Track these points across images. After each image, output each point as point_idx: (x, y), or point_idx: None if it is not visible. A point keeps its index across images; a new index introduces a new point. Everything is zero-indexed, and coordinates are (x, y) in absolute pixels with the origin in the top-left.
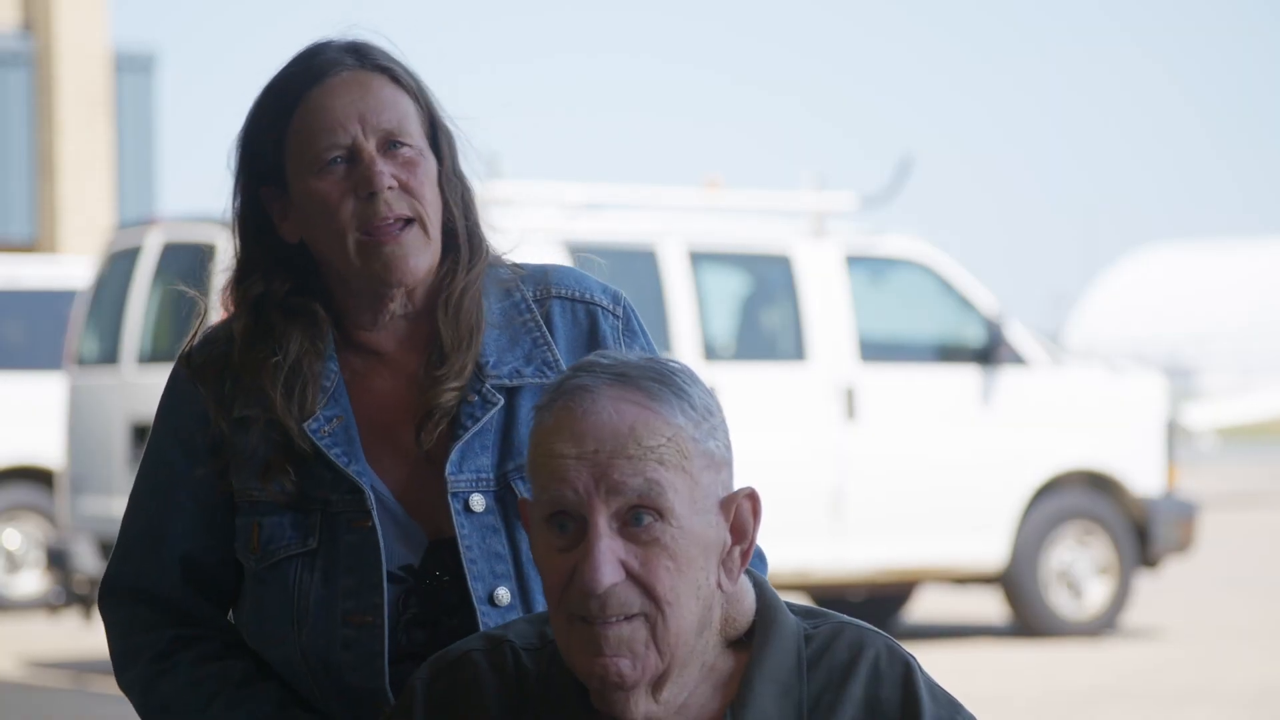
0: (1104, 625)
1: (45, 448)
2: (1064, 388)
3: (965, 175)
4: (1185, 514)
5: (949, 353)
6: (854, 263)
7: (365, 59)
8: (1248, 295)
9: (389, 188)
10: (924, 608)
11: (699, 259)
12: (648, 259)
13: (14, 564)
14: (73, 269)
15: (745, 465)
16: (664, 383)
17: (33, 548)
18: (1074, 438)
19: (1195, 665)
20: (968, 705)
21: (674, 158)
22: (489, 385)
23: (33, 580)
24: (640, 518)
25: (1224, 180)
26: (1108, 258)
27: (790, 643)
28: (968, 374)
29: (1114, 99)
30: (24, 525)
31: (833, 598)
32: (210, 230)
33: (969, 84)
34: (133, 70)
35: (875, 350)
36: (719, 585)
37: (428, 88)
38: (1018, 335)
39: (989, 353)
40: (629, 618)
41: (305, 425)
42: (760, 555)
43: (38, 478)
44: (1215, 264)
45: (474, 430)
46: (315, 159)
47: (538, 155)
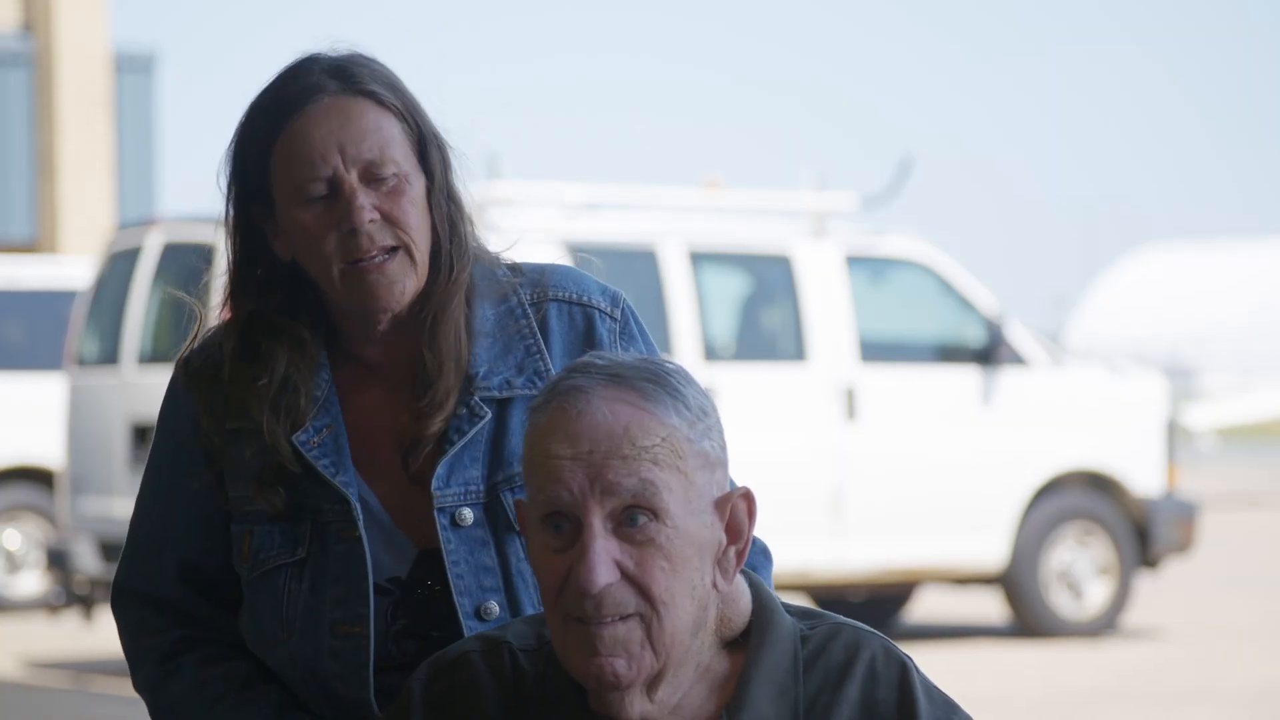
0: (1104, 625)
1: (45, 448)
2: (1064, 388)
3: (965, 175)
4: (1185, 514)
5: (949, 353)
6: (854, 263)
7: (349, 82)
8: (1248, 295)
9: (370, 221)
10: (924, 608)
11: (699, 259)
12: (648, 259)
13: (14, 564)
14: (73, 269)
15: (745, 465)
16: (658, 383)
17: (33, 548)
18: (1074, 438)
19: (1195, 665)
20: (967, 706)
21: (674, 158)
22: (477, 398)
23: (33, 580)
24: (635, 518)
25: (1224, 180)
26: (1108, 258)
27: (786, 644)
28: (968, 374)
29: (1114, 99)
30: (24, 525)
31: (833, 598)
32: (210, 230)
33: (969, 84)
34: (133, 70)
35: (875, 350)
36: (714, 585)
37: (417, 103)
38: (1018, 335)
39: (989, 353)
40: (624, 618)
41: (295, 437)
42: (765, 551)
43: (38, 478)
44: (1215, 264)
45: (459, 445)
46: (297, 190)
47: (538, 155)
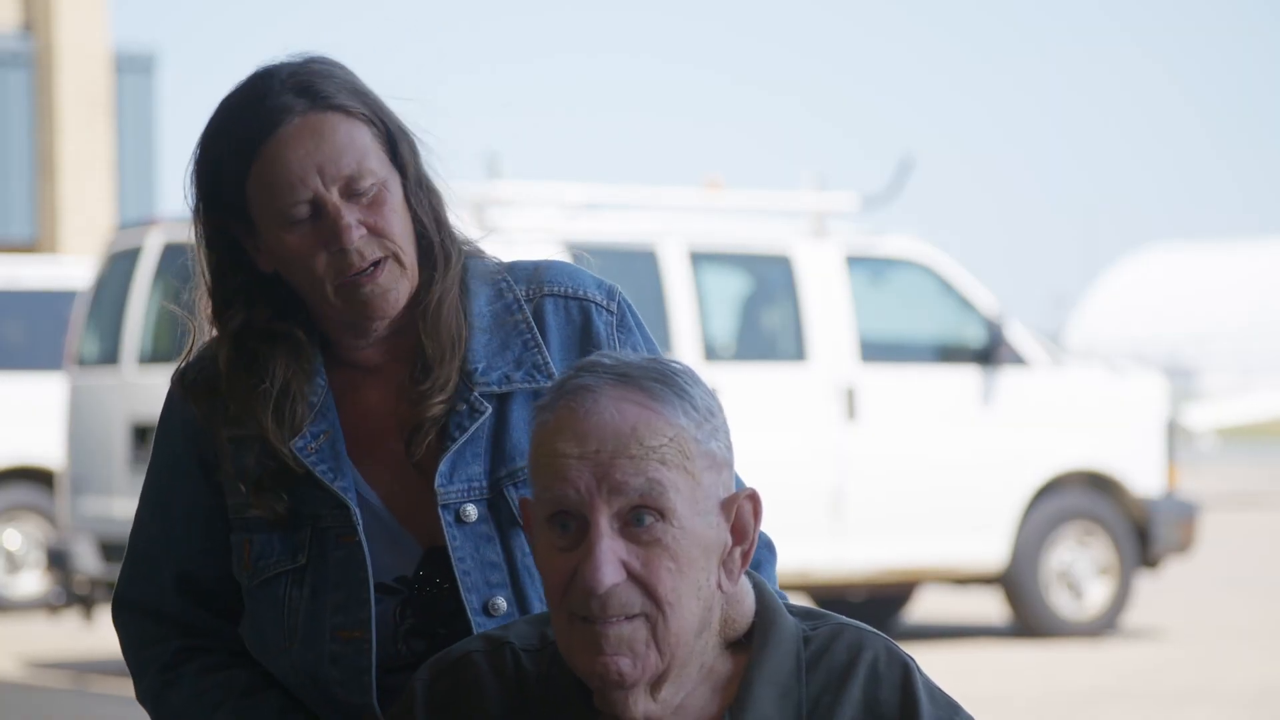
0: (1104, 625)
1: (45, 448)
2: (1064, 388)
3: (965, 175)
4: (1185, 514)
5: (949, 353)
6: (854, 263)
7: (316, 99)
8: (1248, 295)
9: (360, 237)
10: (924, 608)
11: (699, 259)
12: (648, 259)
13: (14, 564)
14: (73, 269)
15: (745, 465)
16: (666, 383)
17: (33, 548)
18: (1074, 438)
19: (1195, 665)
20: (968, 706)
21: (674, 158)
22: (477, 394)
23: (33, 581)
24: (642, 518)
25: (1224, 180)
26: (1108, 258)
27: (789, 645)
28: (968, 374)
29: (1114, 99)
30: (24, 525)
31: (833, 598)
32: None
33: (969, 84)
34: (133, 70)
35: (875, 350)
36: (719, 586)
37: (379, 102)
38: (1018, 335)
39: (989, 353)
40: (630, 618)
41: (293, 443)
42: (769, 545)
43: (38, 478)
44: (1215, 264)
45: (462, 440)
46: (279, 214)
47: (538, 155)
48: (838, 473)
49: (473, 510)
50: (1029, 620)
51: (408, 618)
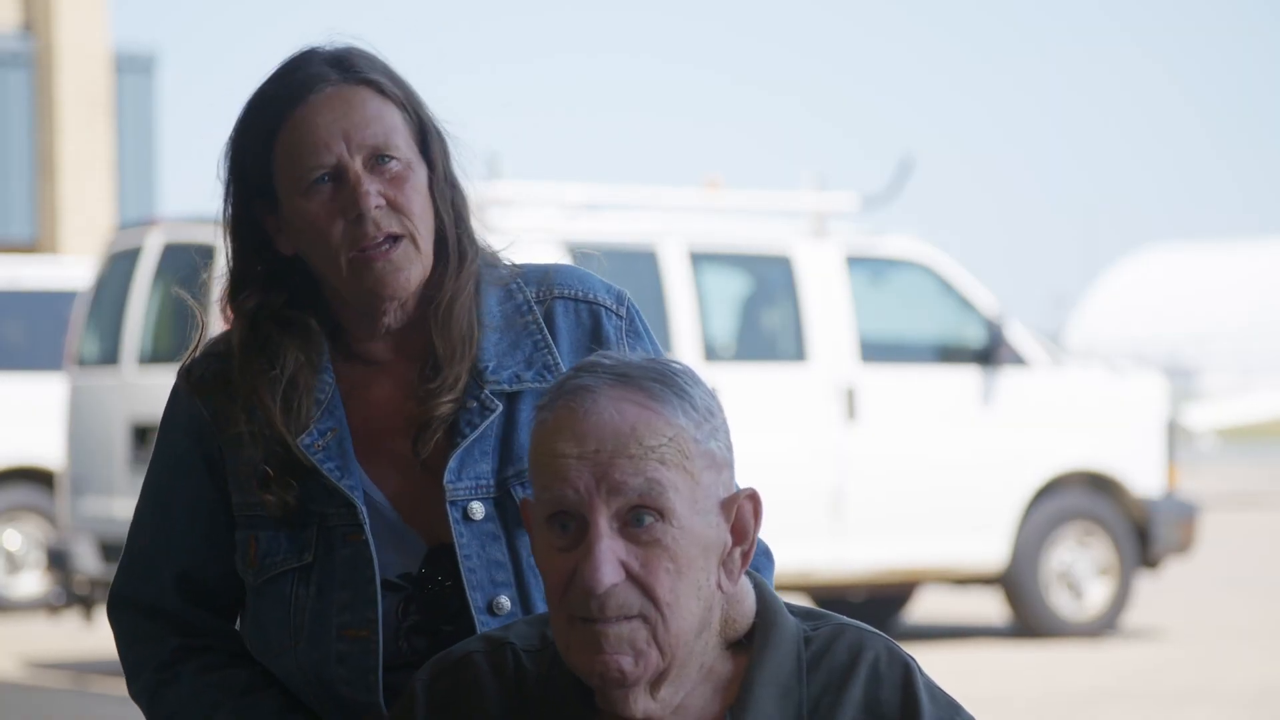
0: (1104, 626)
1: (45, 448)
2: (1064, 388)
3: (965, 175)
4: (1185, 514)
5: (949, 353)
6: (854, 263)
7: (349, 72)
8: (1248, 295)
9: (377, 207)
10: (924, 608)
11: (699, 259)
12: (648, 259)
13: (14, 564)
14: (73, 270)
15: (745, 466)
16: (666, 383)
17: (33, 548)
18: (1074, 438)
19: (1195, 665)
20: (968, 706)
21: (674, 158)
22: (488, 391)
23: (33, 581)
24: (641, 518)
25: (1224, 180)
26: (1108, 258)
27: (790, 645)
28: (968, 374)
29: (1114, 99)
30: (24, 526)
31: (833, 598)
32: (211, 231)
33: (969, 84)
34: (133, 70)
35: (875, 351)
36: (719, 586)
37: (416, 94)
38: (1018, 336)
39: (989, 353)
40: (629, 618)
41: (299, 439)
42: (767, 552)
43: (38, 478)
44: (1215, 264)
45: (473, 437)
46: (301, 179)
47: (538, 155)
48: (838, 473)
49: (479, 508)
50: (1029, 620)
51: (410, 615)
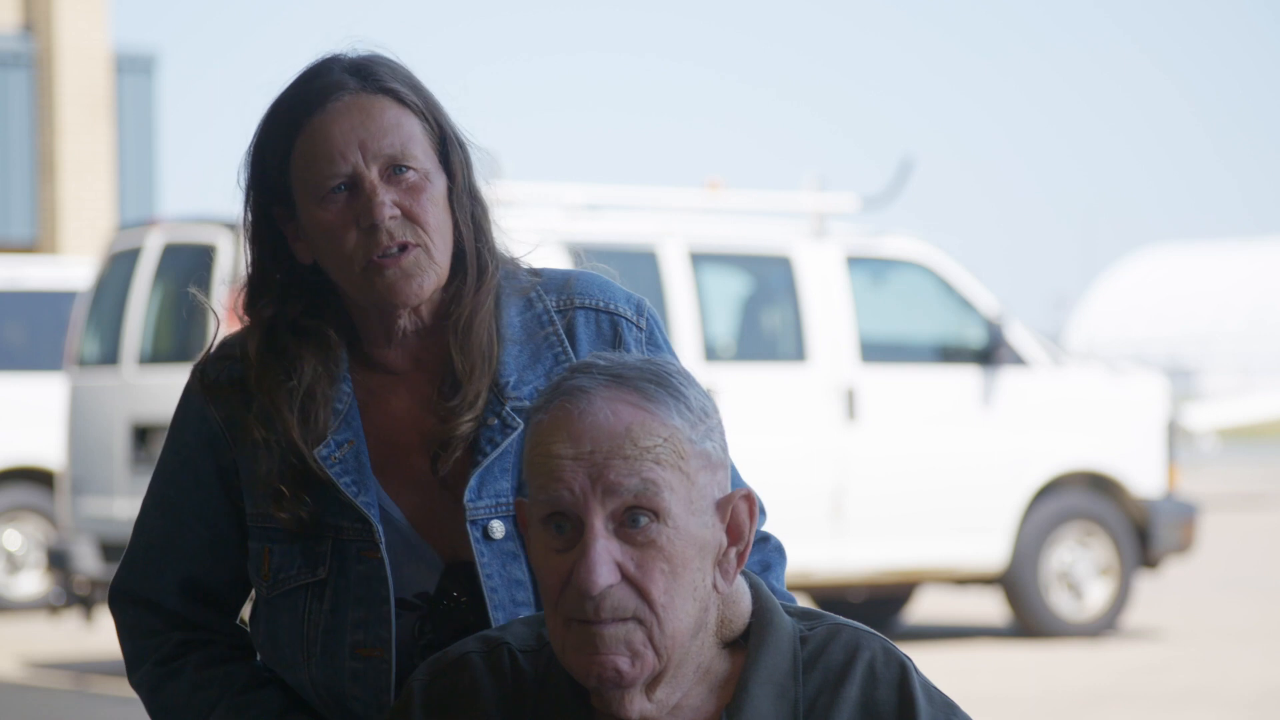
0: (1104, 626)
1: (46, 448)
2: (1064, 389)
3: (965, 176)
4: (1185, 515)
5: (949, 353)
6: (854, 263)
7: (368, 80)
8: (1248, 295)
9: (391, 217)
10: (924, 608)
11: (700, 260)
12: (648, 260)
13: (14, 565)
14: (73, 270)
15: (746, 466)
16: (660, 384)
17: (33, 548)
18: (1074, 439)
19: (1195, 666)
20: (967, 706)
21: (675, 159)
22: (509, 408)
23: (33, 581)
24: (637, 519)
25: (1224, 181)
26: (1108, 259)
27: (786, 645)
28: (968, 375)
29: (1114, 100)
30: (24, 526)
31: (833, 598)
32: (211, 231)
33: (969, 84)
34: (133, 71)
35: (876, 351)
36: (715, 587)
37: (437, 103)
38: (1018, 336)
39: (989, 353)
40: (624, 620)
41: (316, 451)
42: (779, 549)
43: (38, 478)
44: (1215, 265)
45: (494, 456)
46: (317, 187)
47: (538, 155)
48: (838, 473)
49: (500, 527)
50: (1029, 620)
51: (426, 633)
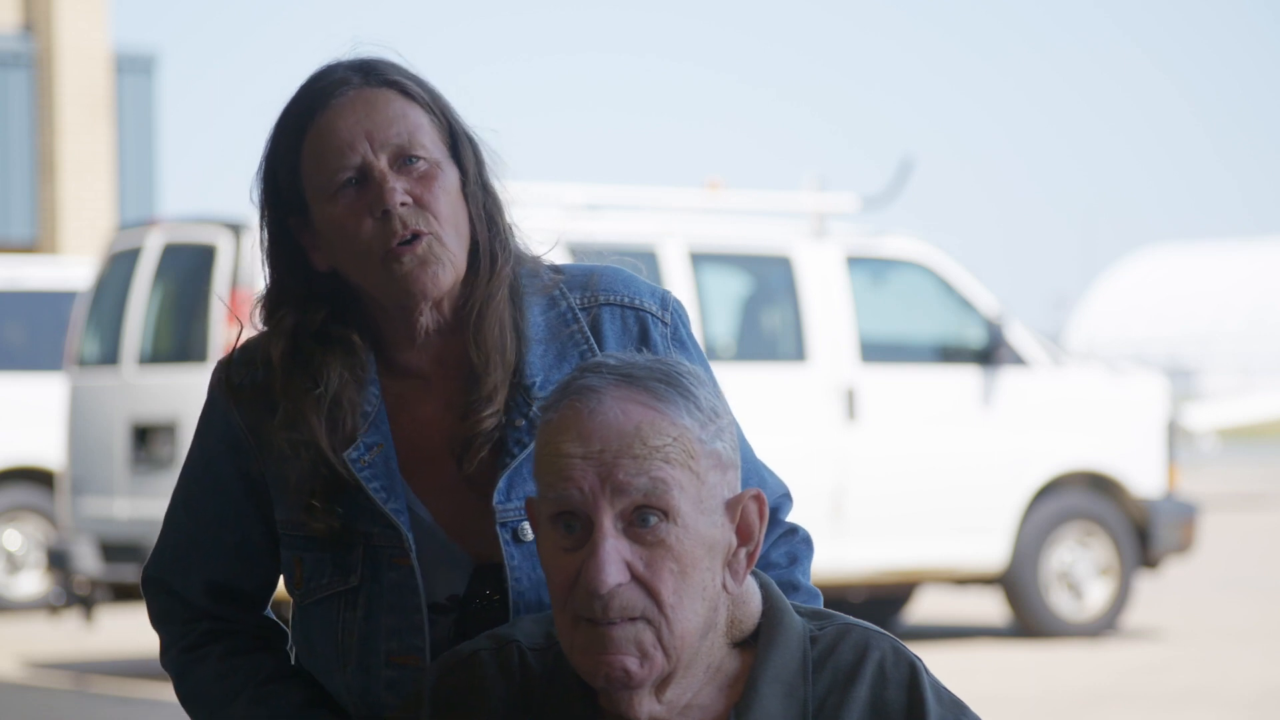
0: (1104, 626)
1: (46, 448)
2: (1064, 389)
3: (965, 176)
4: (1185, 515)
5: (949, 353)
6: (854, 263)
7: (371, 75)
8: (1248, 295)
9: (402, 204)
10: (924, 608)
11: (700, 260)
12: (648, 260)
13: (14, 565)
14: (73, 270)
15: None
16: (670, 384)
17: (33, 548)
18: (1074, 439)
19: (1195, 666)
20: (969, 706)
21: (675, 159)
22: (536, 409)
23: (33, 581)
24: (647, 519)
25: (1224, 181)
26: (1108, 259)
27: (796, 644)
28: (968, 375)
29: (1114, 100)
30: (24, 526)
31: (833, 598)
32: (211, 231)
33: (969, 84)
34: (133, 71)
35: (876, 351)
36: (724, 587)
37: (444, 98)
38: (1018, 336)
39: (989, 353)
40: (632, 619)
41: (345, 454)
42: (806, 540)
43: (38, 478)
44: (1215, 265)
45: (522, 457)
46: (328, 183)
47: (538, 155)
48: (838, 473)
49: (529, 528)
50: (1029, 620)
51: (458, 636)
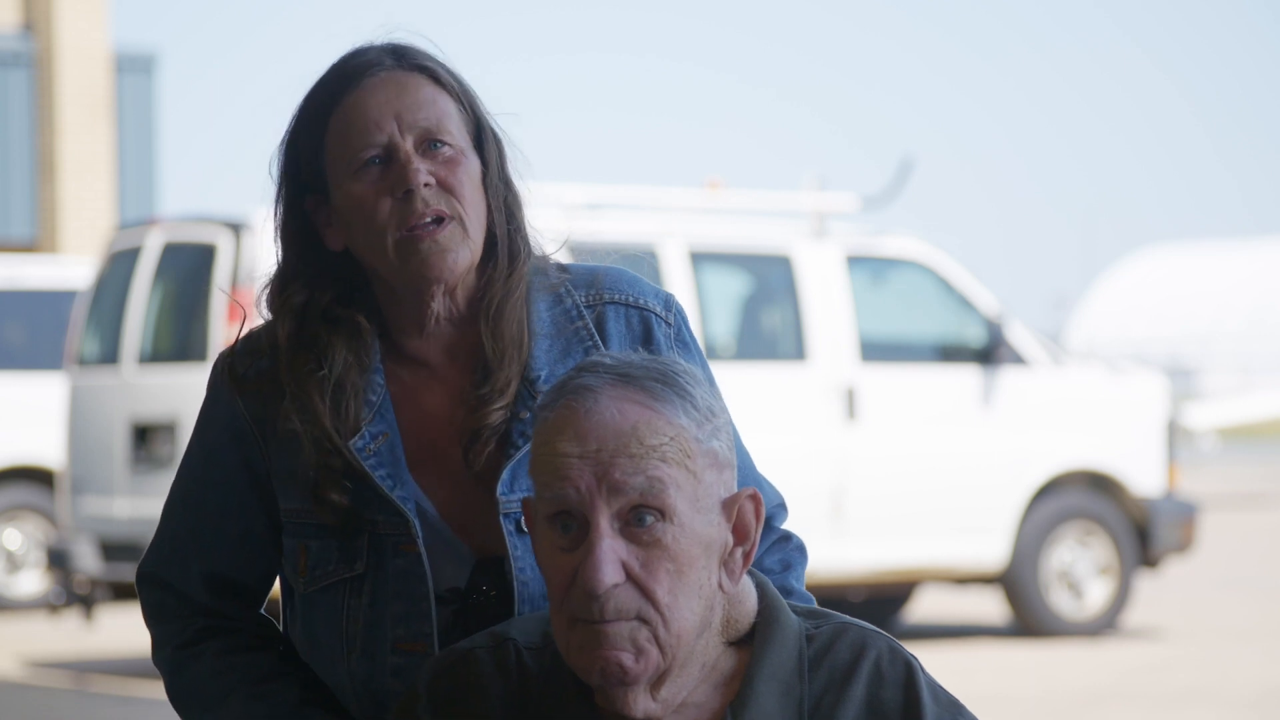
0: (1104, 625)
1: (46, 448)
2: (1064, 388)
3: (965, 175)
4: (1185, 514)
5: (949, 353)
6: (854, 263)
7: (404, 59)
8: (1248, 295)
9: (425, 185)
10: (924, 608)
11: (700, 259)
12: (648, 260)
13: (14, 564)
14: (73, 269)
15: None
16: (667, 383)
17: (33, 548)
18: (1074, 438)
19: (1195, 665)
20: (968, 705)
21: (675, 159)
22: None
23: (33, 580)
24: (643, 518)
25: (1224, 181)
26: (1108, 258)
27: (792, 643)
28: (968, 374)
29: (1114, 100)
30: (24, 525)
31: (833, 598)
32: (211, 230)
33: (969, 84)
34: (133, 71)
35: (876, 350)
36: (720, 586)
37: (473, 92)
38: (1018, 335)
39: (989, 353)
40: (626, 619)
41: (350, 443)
42: (800, 548)
43: (38, 478)
44: (1215, 264)
45: (526, 449)
46: (352, 160)
47: (538, 155)
48: (838, 473)
49: None
50: (1029, 620)
51: (456, 627)
